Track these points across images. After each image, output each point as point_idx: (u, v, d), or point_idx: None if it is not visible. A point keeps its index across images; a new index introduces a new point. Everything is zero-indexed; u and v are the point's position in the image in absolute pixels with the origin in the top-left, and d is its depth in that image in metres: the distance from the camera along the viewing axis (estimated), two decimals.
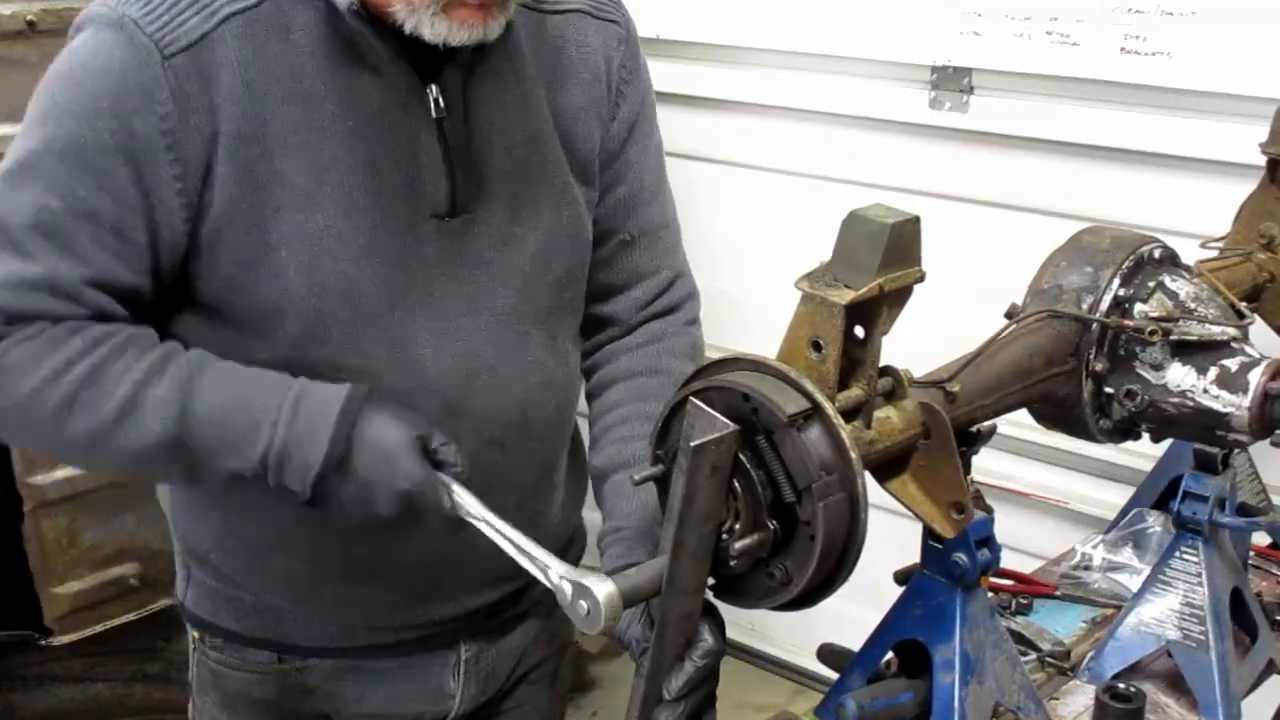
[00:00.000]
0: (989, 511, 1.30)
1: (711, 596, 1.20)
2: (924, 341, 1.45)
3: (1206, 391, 1.42)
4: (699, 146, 3.24)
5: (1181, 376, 1.42)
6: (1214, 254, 1.76)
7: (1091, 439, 1.49)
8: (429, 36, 1.34)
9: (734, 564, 1.14)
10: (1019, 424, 1.53)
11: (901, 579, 1.36)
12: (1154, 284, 1.45)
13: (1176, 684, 1.61)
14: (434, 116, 1.41)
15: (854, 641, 1.41)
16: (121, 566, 3.05)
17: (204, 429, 1.33)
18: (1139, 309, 1.44)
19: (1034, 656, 1.70)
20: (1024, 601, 1.80)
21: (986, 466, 1.45)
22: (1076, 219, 1.76)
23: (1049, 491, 2.83)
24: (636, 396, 1.59)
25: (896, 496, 1.24)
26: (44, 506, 3.03)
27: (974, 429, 1.34)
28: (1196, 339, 1.42)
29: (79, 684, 3.07)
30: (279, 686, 1.61)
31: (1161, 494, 1.92)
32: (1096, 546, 1.95)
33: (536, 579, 1.25)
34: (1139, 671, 1.64)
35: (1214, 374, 1.41)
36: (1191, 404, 1.42)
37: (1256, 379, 1.40)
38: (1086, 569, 1.92)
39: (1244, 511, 1.70)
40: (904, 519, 1.29)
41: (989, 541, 1.29)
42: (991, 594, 1.74)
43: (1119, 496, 2.22)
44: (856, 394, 1.18)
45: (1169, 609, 1.59)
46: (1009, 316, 1.44)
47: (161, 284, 1.39)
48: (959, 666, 1.29)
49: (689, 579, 1.14)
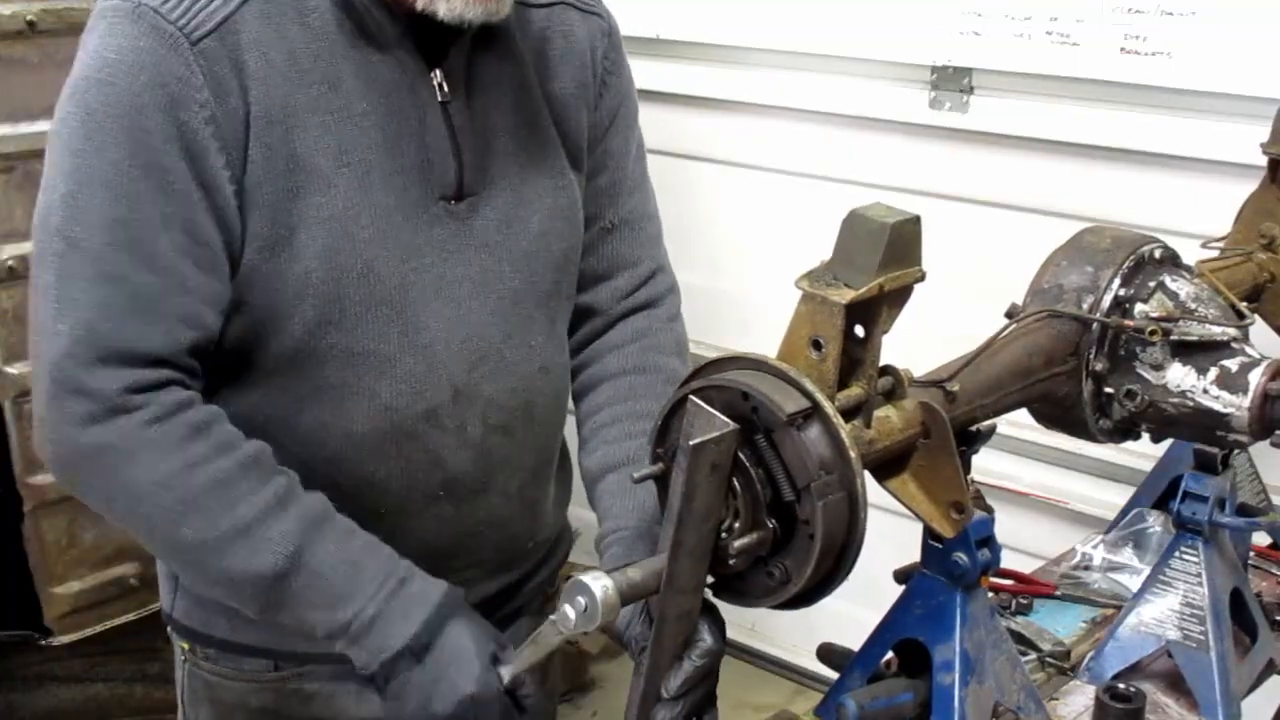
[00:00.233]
0: (989, 511, 1.30)
1: (711, 595, 1.20)
2: (924, 341, 1.45)
3: (1206, 392, 1.41)
4: (699, 146, 3.25)
5: (1182, 377, 1.42)
6: (1214, 254, 1.76)
7: (1091, 439, 1.49)
8: (444, 13, 1.34)
9: (733, 562, 1.14)
10: (1019, 424, 1.53)
11: (901, 578, 1.36)
12: (1154, 284, 1.45)
13: (1176, 684, 1.61)
14: (439, 99, 1.42)
15: (854, 641, 1.41)
16: (121, 566, 3.05)
17: (310, 577, 1.32)
18: (1139, 309, 1.44)
19: (1034, 656, 1.69)
20: (1024, 601, 1.80)
21: (986, 466, 1.45)
22: (1076, 219, 1.76)
23: (1049, 491, 2.83)
24: (626, 395, 1.59)
25: (896, 496, 1.24)
26: (44, 506, 3.03)
27: (974, 429, 1.34)
28: (1197, 339, 1.42)
29: (79, 684, 3.07)
30: (277, 694, 1.58)
31: (1161, 494, 1.92)
32: (1096, 546, 1.94)
33: (532, 576, 1.25)
34: (1139, 671, 1.64)
35: (1214, 374, 1.41)
36: (1191, 404, 1.42)
37: (1256, 379, 1.40)
38: (1086, 569, 1.92)
39: (1244, 512, 1.70)
40: (904, 518, 1.29)
41: (989, 541, 1.29)
42: (991, 594, 1.74)
43: (1119, 496, 2.22)
44: (856, 393, 1.17)
45: (1169, 609, 1.59)
46: (1009, 316, 1.44)
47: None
48: (959, 666, 1.29)
49: (688, 577, 1.14)
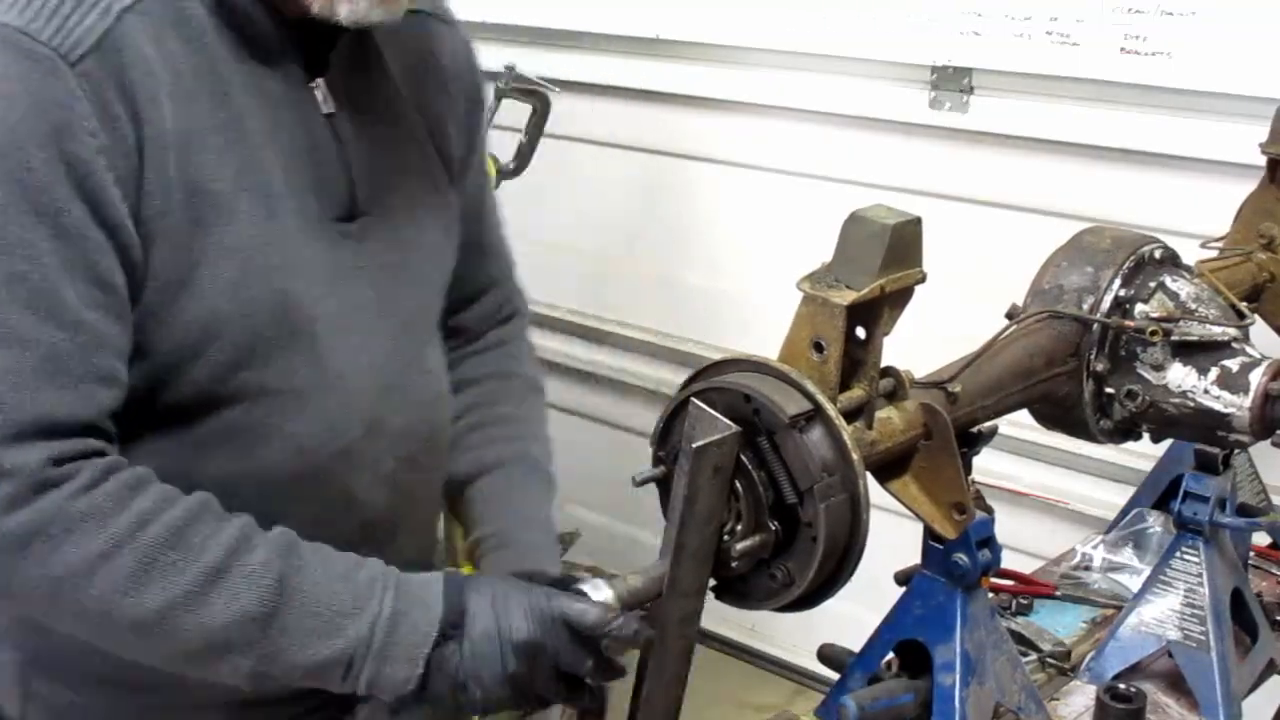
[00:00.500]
0: (989, 512, 1.30)
1: (713, 598, 1.20)
2: (924, 342, 1.45)
3: (1207, 392, 1.41)
4: (699, 146, 3.25)
5: (1182, 377, 1.42)
6: (1214, 254, 1.76)
7: (1092, 439, 1.49)
8: (345, 15, 1.24)
9: (735, 565, 1.14)
10: (1019, 424, 1.53)
11: (902, 580, 1.36)
12: (1155, 284, 1.45)
13: (1177, 684, 1.61)
14: (324, 112, 1.32)
15: (854, 642, 1.41)
16: None
17: (304, 603, 1.17)
18: (1140, 309, 1.44)
19: (1034, 657, 1.70)
20: (1024, 602, 1.80)
21: (987, 467, 1.45)
22: (1077, 219, 1.76)
23: (1049, 491, 2.83)
24: (489, 401, 1.55)
25: (898, 497, 1.24)
26: None
27: (975, 430, 1.34)
28: (1197, 339, 1.42)
29: None
30: None
31: (1162, 494, 1.92)
32: (1096, 546, 1.94)
33: None
34: (1139, 672, 1.64)
35: (1215, 374, 1.41)
36: (1192, 404, 1.42)
37: (1257, 379, 1.40)
38: (1086, 569, 1.92)
39: (1244, 512, 1.70)
40: (904, 519, 1.29)
41: (990, 542, 1.29)
42: (992, 594, 1.74)
43: (1119, 496, 2.22)
44: (858, 395, 1.18)
45: (1170, 609, 1.59)
46: (1010, 317, 1.44)
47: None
48: (959, 667, 1.29)
49: (690, 580, 1.14)
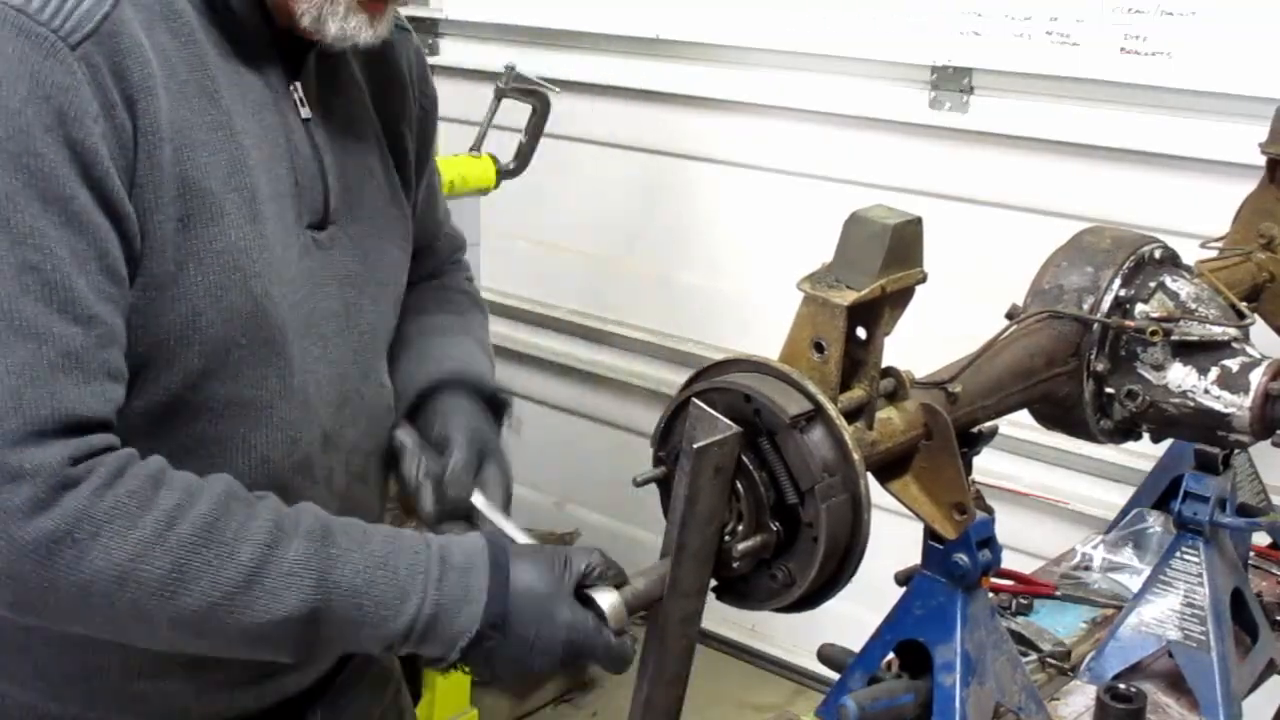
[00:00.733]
0: (989, 512, 1.30)
1: (714, 598, 1.20)
2: (924, 342, 1.45)
3: (1208, 392, 1.42)
4: (699, 146, 3.25)
5: (1182, 377, 1.42)
6: (1214, 254, 1.76)
7: (1092, 439, 1.49)
8: (332, 33, 1.24)
9: (736, 565, 1.14)
10: (1019, 424, 1.53)
11: (903, 581, 1.36)
12: (1155, 284, 1.45)
13: (1177, 684, 1.61)
14: (302, 117, 1.30)
15: (854, 642, 1.41)
16: None
17: (347, 598, 1.14)
18: (1140, 309, 1.44)
19: (1035, 657, 1.69)
20: (1024, 602, 1.80)
21: (987, 467, 1.45)
22: (1077, 219, 1.76)
23: (1049, 491, 2.83)
24: (419, 307, 1.54)
25: (898, 498, 1.24)
26: None
27: (975, 430, 1.34)
28: (1197, 339, 1.42)
29: None
30: None
31: (1162, 494, 1.92)
32: (1096, 546, 1.94)
33: None
34: (1139, 672, 1.64)
35: (1215, 374, 1.41)
36: (1192, 404, 1.42)
37: (1257, 379, 1.40)
38: (1086, 569, 1.92)
39: (1244, 512, 1.70)
40: (904, 520, 1.29)
41: (990, 542, 1.29)
42: (992, 594, 1.74)
43: (1119, 496, 2.22)
44: (859, 395, 1.18)
45: (1170, 609, 1.59)
46: (1010, 317, 1.44)
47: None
48: (960, 667, 1.29)
49: (691, 581, 1.14)
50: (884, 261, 1.12)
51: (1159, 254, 1.48)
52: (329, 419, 1.33)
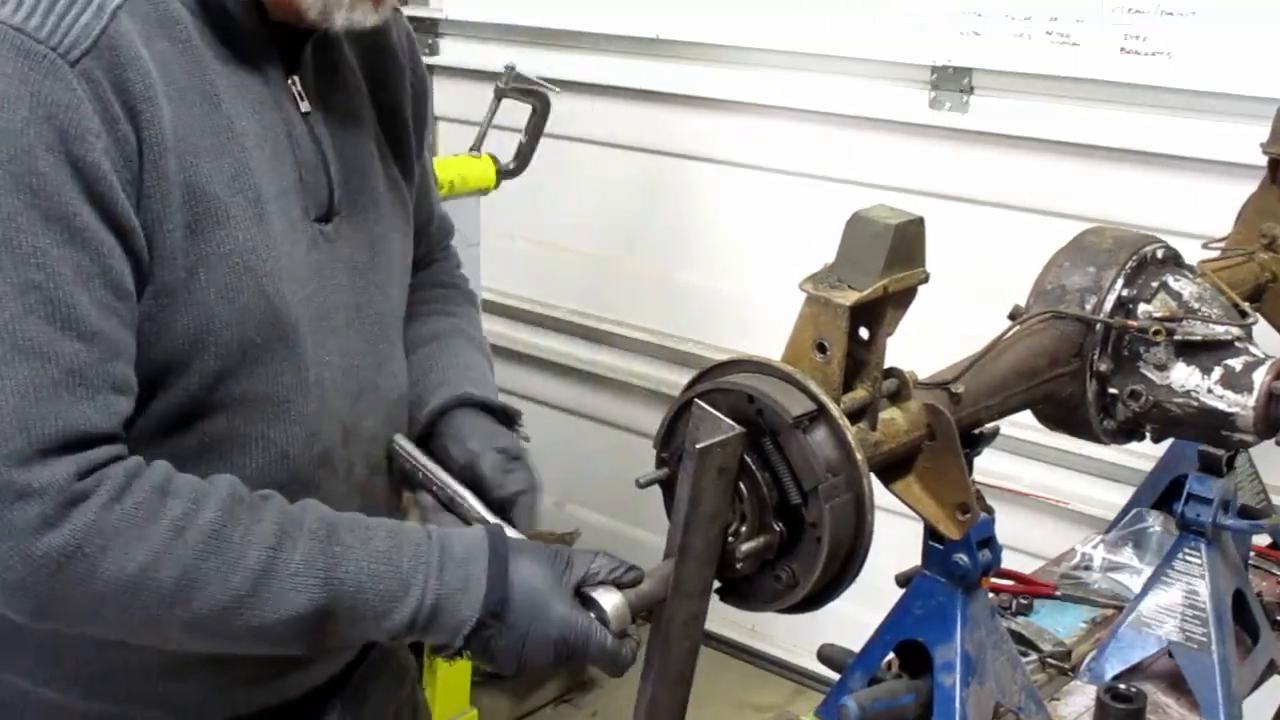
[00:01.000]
0: (989, 512, 1.30)
1: (718, 600, 1.20)
2: (925, 342, 1.45)
3: (1211, 391, 1.41)
4: (699, 146, 3.25)
5: (1186, 376, 1.42)
6: (1216, 254, 1.76)
7: (1095, 440, 1.49)
8: (340, 22, 1.24)
9: (740, 566, 1.14)
10: (1020, 424, 1.53)
11: (903, 582, 1.36)
12: (1157, 284, 1.45)
13: (1177, 684, 1.61)
14: (301, 111, 1.31)
15: (855, 642, 1.41)
16: None
17: (352, 593, 1.17)
18: (1142, 309, 1.44)
19: (1035, 657, 1.69)
20: (1024, 602, 1.80)
21: (987, 467, 1.45)
22: (1077, 219, 1.76)
23: (1049, 491, 2.83)
24: (424, 301, 1.57)
25: (901, 498, 1.24)
26: None
27: (977, 430, 1.34)
28: (1200, 339, 1.42)
29: None
30: None
31: (1162, 494, 1.92)
32: (1096, 546, 1.94)
33: None
34: (1140, 672, 1.64)
35: (1218, 374, 1.41)
36: (1196, 404, 1.42)
37: (1261, 378, 1.40)
38: (1086, 569, 1.92)
39: (1246, 513, 1.70)
40: (904, 520, 1.29)
41: (990, 542, 1.29)
42: (992, 594, 1.74)
43: (1119, 496, 2.22)
44: (861, 395, 1.17)
45: (1171, 610, 1.59)
46: (1013, 317, 1.44)
47: None
48: (960, 667, 1.29)
49: (695, 581, 1.14)
50: (886, 261, 1.12)
51: (1161, 254, 1.48)
52: (346, 411, 1.36)
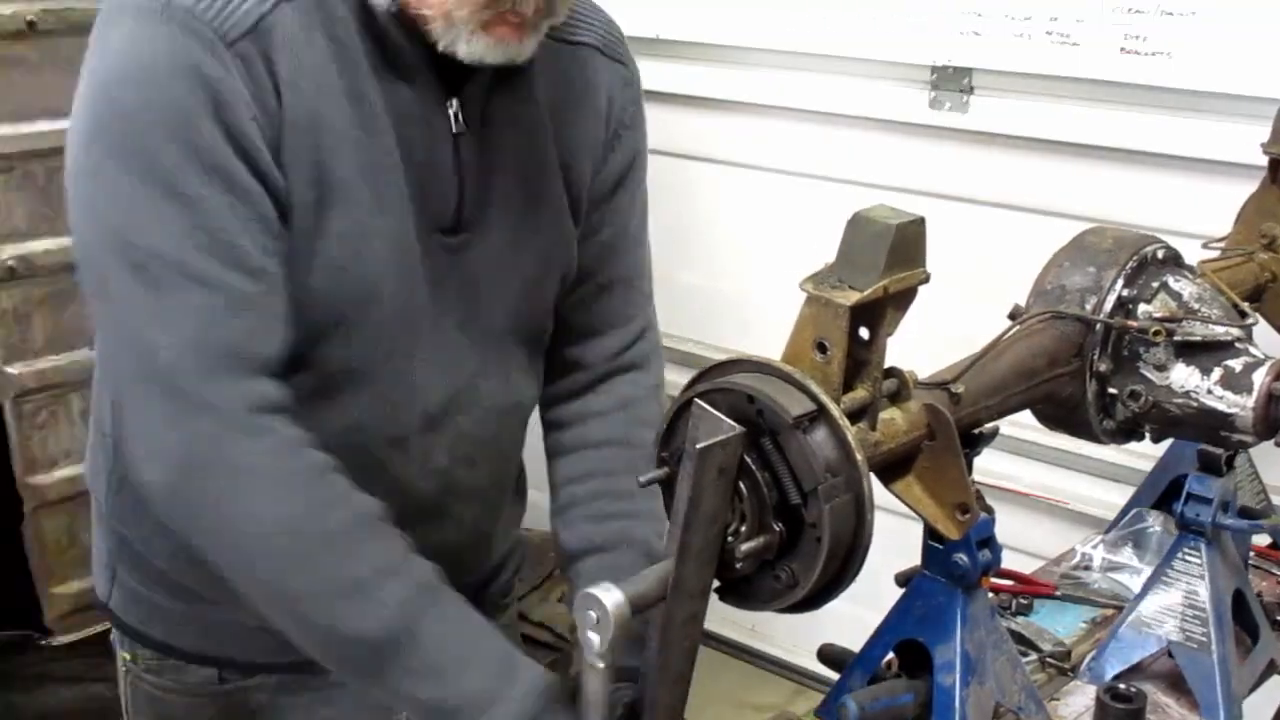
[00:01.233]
0: (989, 512, 1.30)
1: (718, 600, 1.20)
2: (925, 342, 1.45)
3: (1210, 392, 1.42)
4: (699, 146, 3.25)
5: (1185, 377, 1.42)
6: (1216, 254, 1.76)
7: (1095, 440, 1.49)
8: (464, 54, 1.32)
9: (739, 566, 1.14)
10: (1020, 424, 1.53)
11: (903, 582, 1.36)
12: (1157, 284, 1.45)
13: (1177, 684, 1.61)
14: (453, 131, 1.39)
15: (854, 642, 1.41)
16: None
17: (420, 648, 1.25)
18: (1142, 309, 1.44)
19: (1034, 657, 1.70)
20: (1024, 602, 1.81)
21: (987, 467, 1.45)
22: (1077, 219, 1.76)
23: (1049, 491, 2.83)
24: (608, 470, 1.56)
25: (901, 498, 1.24)
26: (44, 507, 3.03)
27: (976, 430, 1.34)
28: (1200, 339, 1.42)
29: (79, 684, 3.06)
30: (222, 709, 1.54)
31: (1162, 494, 1.92)
32: (1096, 546, 1.95)
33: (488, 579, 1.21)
34: (1140, 672, 1.64)
35: (1218, 374, 1.41)
36: (1196, 404, 1.42)
37: (1261, 379, 1.40)
38: (1086, 569, 1.92)
39: (1246, 513, 1.70)
40: (903, 520, 1.29)
41: (990, 542, 1.29)
42: (992, 594, 1.74)
43: (1119, 496, 2.22)
44: (861, 395, 1.17)
45: (1171, 610, 1.60)
46: (1012, 317, 1.44)
47: None
48: (960, 667, 1.29)
49: (694, 581, 1.14)
50: (887, 262, 1.12)
51: (1161, 254, 1.48)
52: (435, 404, 1.45)
